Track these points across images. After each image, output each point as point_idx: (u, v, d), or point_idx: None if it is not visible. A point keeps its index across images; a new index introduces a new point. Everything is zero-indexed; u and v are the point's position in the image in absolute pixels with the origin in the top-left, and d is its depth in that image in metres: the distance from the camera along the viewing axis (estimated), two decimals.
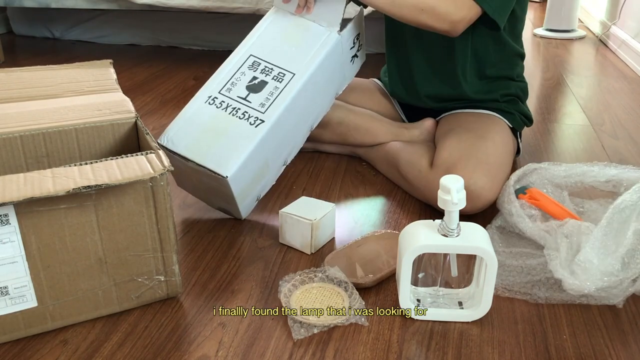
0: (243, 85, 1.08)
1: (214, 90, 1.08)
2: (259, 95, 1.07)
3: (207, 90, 1.08)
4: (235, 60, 1.11)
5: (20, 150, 0.84)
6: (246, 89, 1.07)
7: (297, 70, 1.09)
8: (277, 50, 1.11)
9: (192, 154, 1.01)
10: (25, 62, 2.26)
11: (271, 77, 1.08)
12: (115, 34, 2.58)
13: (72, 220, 0.75)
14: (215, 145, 1.01)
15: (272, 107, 1.05)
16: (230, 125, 1.03)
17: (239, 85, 1.08)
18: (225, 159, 0.99)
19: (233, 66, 1.11)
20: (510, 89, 1.27)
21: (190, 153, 1.01)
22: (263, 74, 1.09)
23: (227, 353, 0.77)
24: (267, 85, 1.07)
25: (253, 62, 1.10)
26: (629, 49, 2.30)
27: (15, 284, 0.75)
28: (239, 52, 1.12)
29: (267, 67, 1.10)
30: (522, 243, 0.96)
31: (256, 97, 1.07)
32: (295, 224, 0.98)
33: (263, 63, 1.10)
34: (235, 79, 1.08)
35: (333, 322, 0.81)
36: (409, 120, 1.38)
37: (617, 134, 1.54)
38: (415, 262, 0.82)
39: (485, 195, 1.04)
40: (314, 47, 1.12)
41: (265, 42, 1.13)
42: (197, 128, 1.04)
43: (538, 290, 0.88)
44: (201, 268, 0.95)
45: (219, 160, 0.99)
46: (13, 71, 1.03)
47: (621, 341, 0.79)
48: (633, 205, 0.86)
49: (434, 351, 0.77)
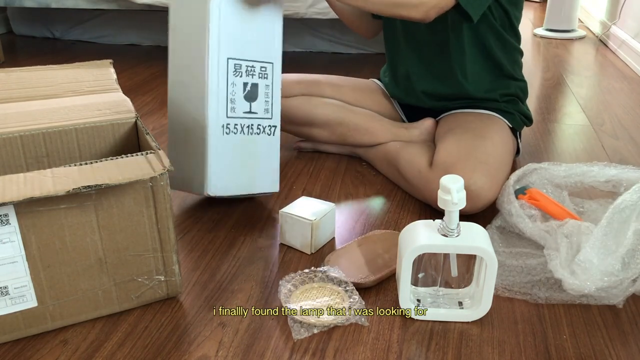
0: (241, 98, 1.05)
1: (220, 116, 1.02)
2: (258, 102, 1.07)
3: (214, 119, 1.02)
4: (215, 69, 1.01)
5: (20, 150, 0.84)
6: (245, 100, 1.05)
7: (270, 58, 1.08)
8: (247, 43, 1.04)
9: (244, 190, 1.09)
10: (25, 62, 2.26)
11: (257, 76, 1.06)
12: (115, 34, 2.59)
13: (72, 220, 0.75)
14: (256, 170, 1.09)
15: (274, 107, 1.10)
16: (255, 144, 1.08)
17: (237, 100, 1.04)
18: (269, 178, 1.12)
19: (219, 78, 1.02)
20: (510, 88, 1.27)
21: (243, 190, 1.09)
22: (249, 76, 1.05)
23: (227, 353, 0.77)
24: (259, 88, 1.07)
25: (235, 66, 1.03)
26: (629, 49, 2.30)
27: (15, 284, 0.75)
28: (212, 57, 1.01)
29: (248, 66, 1.05)
30: (522, 243, 0.96)
31: (257, 104, 1.07)
32: (295, 224, 0.98)
33: (244, 63, 1.04)
34: (231, 94, 1.03)
35: (333, 322, 0.81)
36: (409, 120, 1.38)
37: (617, 134, 1.54)
38: (415, 262, 0.82)
39: (484, 195, 1.04)
40: (274, 22, 1.07)
41: (231, 37, 1.02)
42: (231, 164, 1.06)
43: (538, 290, 0.88)
44: (201, 268, 0.95)
45: (265, 182, 1.11)
46: (13, 71, 1.03)
47: (621, 341, 0.79)
48: (633, 205, 0.86)
49: (434, 351, 0.77)
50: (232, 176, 1.06)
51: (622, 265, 0.82)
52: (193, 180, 1.05)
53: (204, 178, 1.03)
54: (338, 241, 1.03)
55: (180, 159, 1.08)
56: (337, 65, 2.22)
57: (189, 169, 1.06)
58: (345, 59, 2.33)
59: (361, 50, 2.41)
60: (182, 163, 1.07)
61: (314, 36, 2.44)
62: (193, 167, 1.05)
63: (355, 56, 2.37)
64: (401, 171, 1.19)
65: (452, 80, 1.25)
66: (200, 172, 1.03)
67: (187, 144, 1.06)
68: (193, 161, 1.05)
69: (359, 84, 1.42)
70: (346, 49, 2.43)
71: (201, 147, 1.02)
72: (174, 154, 1.09)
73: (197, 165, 1.04)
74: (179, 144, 1.08)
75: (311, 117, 1.31)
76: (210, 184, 1.03)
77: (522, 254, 0.93)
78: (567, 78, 2.08)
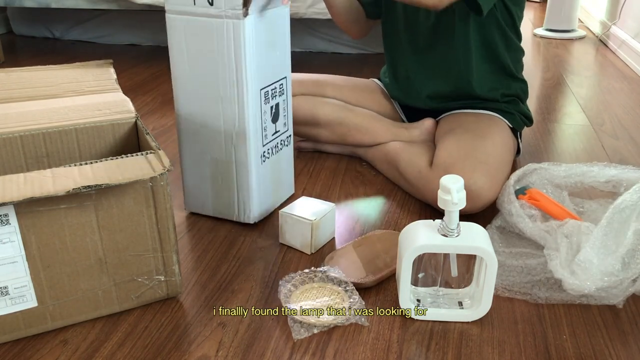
0: (270, 122, 1.05)
1: (259, 148, 1.03)
2: (279, 121, 1.09)
3: (255, 154, 1.02)
4: (252, 105, 0.99)
5: (20, 150, 0.84)
6: (272, 122, 1.06)
7: (286, 71, 1.08)
8: (269, 64, 1.02)
9: (275, 205, 1.13)
10: (25, 62, 2.26)
11: (278, 94, 1.06)
12: (115, 34, 2.59)
13: (72, 220, 0.75)
14: (280, 182, 1.13)
15: (289, 120, 1.12)
16: (279, 161, 1.12)
17: (268, 127, 1.05)
18: (288, 184, 1.17)
19: (255, 112, 1.00)
20: (511, 88, 1.27)
21: (274, 205, 1.13)
22: (274, 98, 1.05)
23: (227, 353, 0.77)
24: (280, 105, 1.08)
25: (264, 94, 1.02)
26: (629, 49, 2.30)
27: (15, 284, 0.75)
28: (250, 92, 0.97)
29: (273, 89, 1.04)
30: (522, 243, 0.96)
31: (279, 123, 1.09)
32: (295, 224, 0.98)
33: (269, 88, 1.03)
34: (264, 122, 1.03)
35: (333, 322, 0.81)
36: (409, 121, 1.38)
37: (617, 134, 1.54)
38: (415, 262, 0.82)
39: (484, 195, 1.03)
40: (284, 36, 1.05)
41: (260, 63, 0.99)
42: (267, 187, 1.09)
43: (538, 290, 0.88)
44: (201, 268, 0.95)
45: (286, 189, 1.16)
46: (13, 71, 1.03)
47: (621, 341, 0.79)
48: (633, 205, 0.86)
49: (434, 351, 0.77)
50: (268, 198, 1.10)
51: (622, 265, 0.82)
52: (231, 209, 1.07)
53: (248, 208, 1.06)
54: (338, 241, 1.03)
55: (206, 185, 1.07)
56: (337, 65, 2.22)
57: (223, 197, 1.07)
58: (345, 59, 2.33)
59: (361, 50, 2.41)
60: (209, 190, 1.08)
61: (314, 36, 2.44)
62: (230, 197, 1.06)
63: (355, 56, 2.37)
64: (401, 171, 1.19)
65: (457, 79, 1.24)
66: (242, 202, 1.06)
67: (218, 173, 1.05)
68: (229, 191, 1.06)
69: (359, 84, 1.42)
70: (346, 49, 2.43)
71: (242, 178, 1.04)
72: (195, 181, 1.08)
73: (236, 195, 1.06)
74: (202, 171, 1.07)
75: (311, 116, 1.31)
76: (254, 213, 1.07)
77: (522, 254, 0.93)
78: (567, 78, 2.08)
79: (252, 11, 0.93)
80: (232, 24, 0.93)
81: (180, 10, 0.96)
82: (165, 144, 1.46)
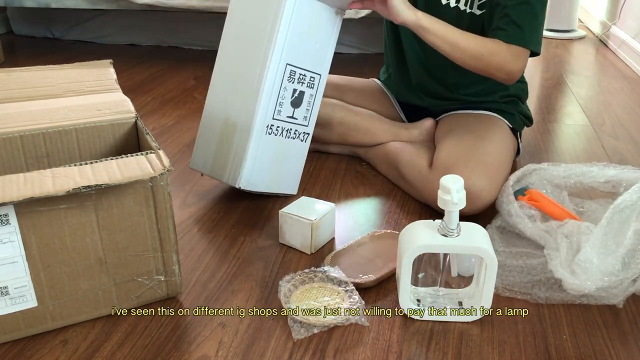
0: (288, 103, 1.08)
1: (268, 116, 1.05)
2: (300, 109, 1.10)
3: (262, 119, 1.05)
4: (274, 72, 1.03)
5: (20, 150, 0.84)
6: (291, 105, 1.08)
7: (321, 69, 1.10)
8: (306, 52, 1.07)
9: (269, 189, 1.12)
10: (25, 62, 2.26)
11: (306, 84, 1.09)
12: (115, 34, 2.58)
13: (72, 220, 0.75)
14: (283, 172, 1.13)
15: (311, 117, 1.13)
16: (289, 148, 1.12)
17: (285, 104, 1.07)
18: (292, 181, 1.16)
19: (275, 81, 1.04)
20: (510, 89, 1.27)
21: (269, 188, 1.12)
22: (300, 83, 1.08)
23: (227, 353, 0.77)
24: (305, 96, 1.10)
25: (290, 72, 1.06)
26: (629, 49, 2.30)
27: (15, 284, 0.75)
28: (274, 60, 1.03)
29: (301, 74, 1.08)
30: (522, 243, 0.96)
31: (299, 111, 1.10)
32: (295, 224, 0.98)
33: (298, 71, 1.07)
34: (282, 98, 1.06)
35: (333, 322, 0.81)
36: (409, 121, 1.38)
37: (617, 134, 1.54)
38: (415, 262, 0.82)
39: (484, 195, 1.03)
40: (331, 37, 1.10)
41: (295, 44, 1.05)
42: (265, 162, 1.09)
43: (538, 290, 0.88)
44: (201, 268, 0.95)
45: (287, 184, 1.16)
46: (13, 71, 1.03)
47: (621, 341, 0.79)
48: (633, 205, 0.86)
49: (434, 351, 0.77)
50: (263, 174, 1.10)
51: (622, 265, 0.82)
52: (224, 170, 1.09)
53: (238, 171, 1.07)
54: (338, 241, 1.03)
55: (212, 145, 1.11)
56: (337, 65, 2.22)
57: (221, 157, 1.09)
58: (345, 59, 2.33)
59: (361, 50, 2.41)
60: (213, 149, 1.11)
61: None
62: (227, 158, 1.08)
63: (355, 56, 2.37)
64: (401, 171, 1.19)
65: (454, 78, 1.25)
66: (235, 165, 1.07)
67: (224, 133, 1.09)
68: (228, 152, 1.08)
69: (359, 83, 1.42)
70: (346, 49, 2.43)
71: (242, 141, 1.06)
72: (206, 139, 1.12)
73: (232, 157, 1.07)
74: (213, 130, 1.11)
75: None
76: (243, 178, 1.07)
77: (522, 254, 0.93)
78: (567, 78, 2.08)
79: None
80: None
81: None
82: (165, 144, 1.46)
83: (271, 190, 1.13)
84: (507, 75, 1.11)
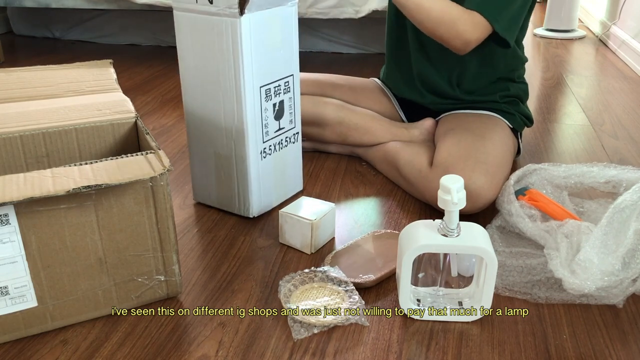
0: (272, 119, 1.06)
1: (258, 144, 1.04)
2: (284, 117, 1.09)
3: (254, 150, 1.03)
4: (251, 102, 1.00)
5: (20, 150, 0.84)
6: (275, 119, 1.07)
7: (291, 69, 1.08)
8: (273, 63, 1.03)
9: (280, 200, 1.14)
10: (25, 62, 2.26)
11: (282, 92, 1.07)
12: (115, 34, 2.59)
13: (72, 220, 0.75)
14: (286, 179, 1.14)
15: (296, 117, 1.13)
16: (284, 157, 1.13)
17: (270, 123, 1.06)
18: (296, 180, 1.18)
19: (254, 108, 1.01)
20: (510, 90, 1.27)
21: (279, 200, 1.14)
22: (277, 96, 1.06)
23: (227, 353, 0.77)
24: (285, 103, 1.09)
25: (265, 92, 1.02)
26: (629, 49, 2.30)
27: (15, 284, 0.75)
28: (247, 89, 0.98)
29: (276, 87, 1.04)
30: (522, 243, 0.96)
31: (284, 120, 1.10)
32: (295, 224, 0.98)
33: (272, 86, 1.03)
34: (265, 119, 1.04)
35: (333, 322, 0.81)
36: (409, 120, 1.38)
37: (617, 134, 1.54)
38: (415, 262, 0.82)
39: (484, 195, 1.03)
40: (292, 34, 1.05)
41: (261, 64, 1.00)
42: (268, 183, 1.10)
43: (538, 290, 0.88)
44: (201, 268, 0.95)
45: (293, 186, 1.17)
46: (13, 71, 1.03)
47: (621, 341, 0.79)
48: (633, 205, 0.86)
49: (434, 351, 0.77)
50: (270, 192, 1.11)
51: (622, 265, 0.82)
52: (232, 202, 1.09)
53: (247, 202, 1.07)
54: (338, 241, 1.03)
55: (211, 178, 1.10)
56: (337, 65, 2.22)
57: (224, 189, 1.09)
58: (345, 59, 2.33)
59: (361, 50, 2.41)
60: (213, 182, 1.10)
61: (314, 36, 2.44)
62: (230, 189, 1.08)
63: (355, 56, 2.37)
64: (401, 171, 1.19)
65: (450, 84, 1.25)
66: (242, 196, 1.08)
67: (219, 166, 1.08)
68: (229, 182, 1.08)
69: (359, 83, 1.42)
70: (346, 49, 2.43)
71: (241, 172, 1.05)
72: (202, 172, 1.11)
73: (236, 189, 1.07)
74: (207, 164, 1.10)
75: (311, 116, 1.31)
76: (254, 208, 1.08)
77: (522, 254, 0.93)
78: (567, 78, 2.08)
79: (250, 10, 0.94)
80: (229, 22, 0.94)
81: (185, 7, 0.98)
82: (165, 144, 1.46)
83: (283, 199, 1.15)
84: (464, 45, 1.08)
